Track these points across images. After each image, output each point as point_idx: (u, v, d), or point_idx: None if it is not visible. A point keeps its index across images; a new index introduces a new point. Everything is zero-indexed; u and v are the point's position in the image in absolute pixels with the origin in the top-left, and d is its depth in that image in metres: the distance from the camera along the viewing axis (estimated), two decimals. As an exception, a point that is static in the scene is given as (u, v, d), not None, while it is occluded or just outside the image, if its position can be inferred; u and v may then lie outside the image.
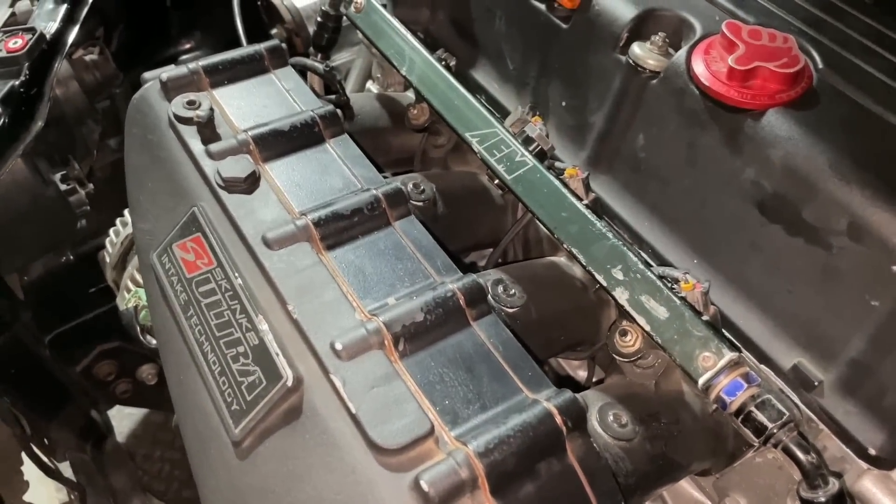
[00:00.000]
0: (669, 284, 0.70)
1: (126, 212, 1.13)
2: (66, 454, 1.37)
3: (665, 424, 0.71)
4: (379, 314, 0.62)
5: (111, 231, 1.21)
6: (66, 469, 1.39)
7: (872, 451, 0.67)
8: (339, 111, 0.80)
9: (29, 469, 1.31)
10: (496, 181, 0.87)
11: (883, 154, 0.68)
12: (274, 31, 1.27)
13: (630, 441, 0.67)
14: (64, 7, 1.19)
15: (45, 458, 1.26)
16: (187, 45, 1.54)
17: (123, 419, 1.91)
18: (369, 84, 1.17)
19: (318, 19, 1.05)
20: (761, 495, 0.78)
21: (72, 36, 1.16)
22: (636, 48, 0.79)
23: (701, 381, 0.62)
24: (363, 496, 0.55)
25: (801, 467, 0.60)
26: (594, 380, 0.88)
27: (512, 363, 0.61)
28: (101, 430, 1.50)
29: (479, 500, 0.54)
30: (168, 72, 0.81)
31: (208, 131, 0.76)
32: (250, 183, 0.72)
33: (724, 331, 0.72)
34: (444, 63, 0.94)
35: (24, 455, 1.25)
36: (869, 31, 0.78)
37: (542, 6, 0.89)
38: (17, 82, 1.06)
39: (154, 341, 0.96)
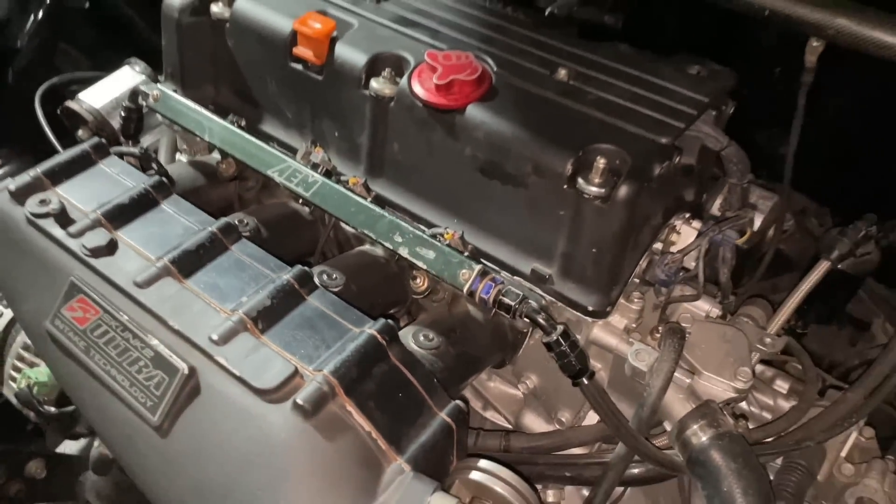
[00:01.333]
0: (437, 237, 1.00)
1: (-11, 315, 1.26)
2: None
3: (460, 334, 1.01)
4: (238, 309, 0.86)
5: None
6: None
7: (591, 308, 1.00)
8: (164, 179, 1.03)
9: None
10: (301, 201, 1.14)
11: (541, 117, 1.02)
12: (80, 132, 1.44)
13: (438, 349, 0.96)
14: None
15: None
16: (-3, 163, 1.65)
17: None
18: (178, 156, 1.39)
19: (123, 114, 1.26)
20: (545, 367, 1.10)
21: None
22: (374, 83, 1.09)
23: (465, 289, 0.93)
24: (260, 427, 0.79)
25: (537, 323, 0.91)
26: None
27: (340, 314, 0.88)
28: (3, 538, 1.57)
29: (339, 402, 0.80)
30: (14, 182, 0.99)
31: (64, 219, 0.96)
32: (111, 248, 0.93)
33: (480, 259, 1.03)
34: (236, 124, 1.19)
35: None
36: (523, 38, 1.14)
37: (300, 66, 1.16)
38: None
39: (52, 409, 1.12)
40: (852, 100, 1.55)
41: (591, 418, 1.13)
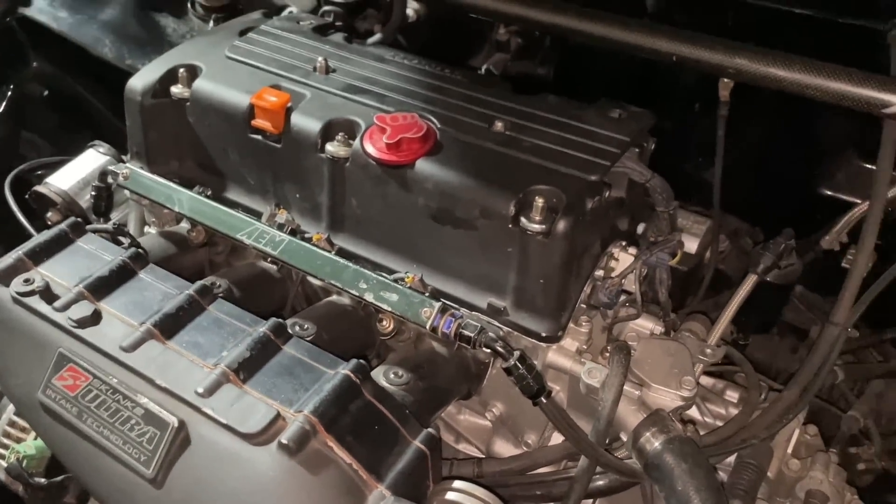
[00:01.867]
0: (399, 282, 1.09)
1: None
2: None
3: (427, 369, 1.09)
4: (220, 363, 0.93)
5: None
6: None
7: (544, 334, 1.10)
8: (139, 250, 1.10)
9: None
10: (269, 259, 1.22)
11: (483, 165, 1.13)
12: (49, 214, 1.51)
13: (407, 384, 1.04)
14: None
15: None
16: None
17: None
18: (147, 228, 1.46)
19: (93, 193, 1.34)
20: (507, 393, 1.18)
21: None
22: (329, 147, 1.19)
23: (427, 326, 1.02)
24: (249, 468, 0.86)
25: (496, 351, 0.99)
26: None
27: (315, 359, 0.96)
28: None
29: (321, 438, 0.87)
30: (-3, 265, 1.06)
31: (48, 295, 1.02)
32: (96, 318, 1.00)
33: (440, 298, 1.12)
34: (202, 194, 1.27)
35: None
36: (461, 96, 1.25)
37: (259, 136, 1.26)
38: None
39: (43, 480, 1.16)
40: (769, 126, 1.71)
41: (556, 439, 1.21)
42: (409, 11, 1.86)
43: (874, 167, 1.14)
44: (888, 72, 1.16)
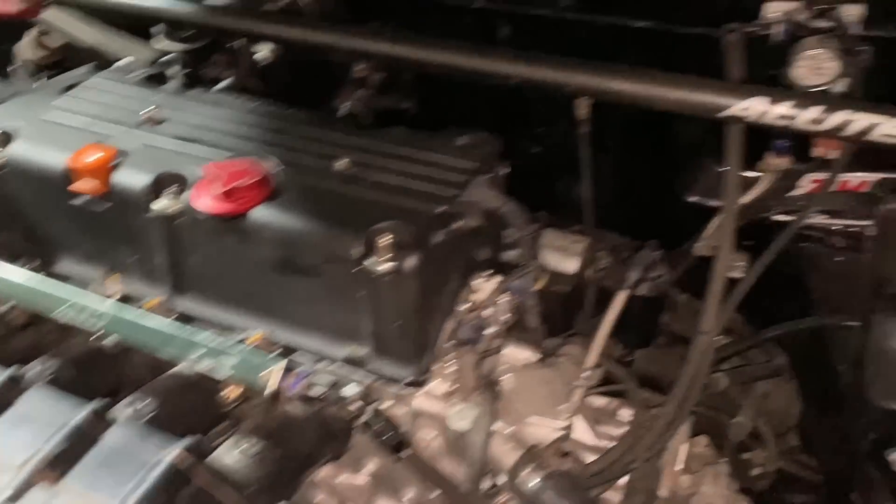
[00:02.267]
0: (239, 343, 1.00)
1: None
2: None
3: (282, 435, 0.99)
4: (30, 460, 0.81)
5: None
6: None
7: (409, 379, 1.03)
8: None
9: None
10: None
11: (324, 207, 1.05)
12: None
13: (259, 454, 0.94)
14: None
15: None
16: None
17: None
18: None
19: None
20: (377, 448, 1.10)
21: None
22: (158, 203, 1.09)
23: (266, 393, 0.93)
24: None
25: (345, 408, 0.92)
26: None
27: (143, 442, 0.85)
28: None
29: (146, 533, 0.77)
30: None
31: None
32: None
33: (296, 354, 1.03)
34: (27, 268, 1.15)
35: None
36: (303, 137, 1.19)
37: (84, 199, 1.15)
38: None
39: None
40: (631, 139, 1.71)
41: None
42: (266, 53, 1.78)
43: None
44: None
